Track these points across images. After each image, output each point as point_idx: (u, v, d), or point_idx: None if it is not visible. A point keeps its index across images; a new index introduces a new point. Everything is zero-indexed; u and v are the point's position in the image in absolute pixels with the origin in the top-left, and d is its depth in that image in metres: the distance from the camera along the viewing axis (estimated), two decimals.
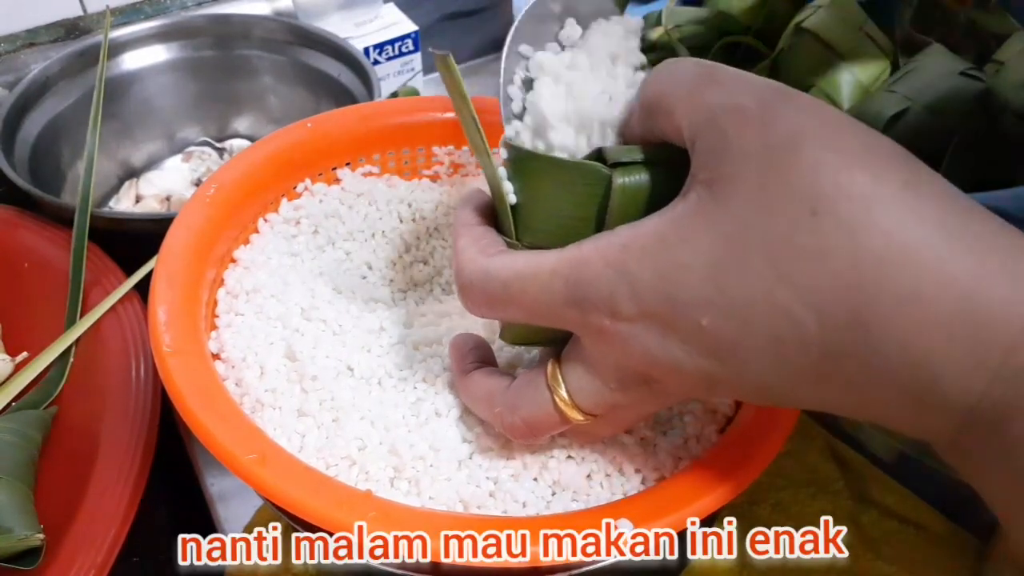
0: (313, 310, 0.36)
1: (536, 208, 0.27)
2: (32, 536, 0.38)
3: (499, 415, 0.29)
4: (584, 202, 0.26)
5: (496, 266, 0.26)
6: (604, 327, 0.24)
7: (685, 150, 0.24)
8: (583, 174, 0.26)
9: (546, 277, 0.25)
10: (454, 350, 0.32)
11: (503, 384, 0.30)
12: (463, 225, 0.29)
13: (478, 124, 0.27)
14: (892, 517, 0.41)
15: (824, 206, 0.21)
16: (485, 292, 0.27)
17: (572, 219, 0.26)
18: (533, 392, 0.28)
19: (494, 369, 0.31)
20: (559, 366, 0.28)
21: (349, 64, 0.63)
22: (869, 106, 0.50)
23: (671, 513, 0.27)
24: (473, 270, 0.27)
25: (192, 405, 0.29)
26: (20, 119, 0.58)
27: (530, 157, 0.27)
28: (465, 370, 0.31)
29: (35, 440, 0.43)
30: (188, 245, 0.35)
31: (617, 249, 0.24)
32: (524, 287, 0.26)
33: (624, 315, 0.24)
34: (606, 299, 0.24)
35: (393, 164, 0.45)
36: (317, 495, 0.27)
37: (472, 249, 0.27)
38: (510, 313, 0.27)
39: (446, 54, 0.26)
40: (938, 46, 0.52)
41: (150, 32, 0.65)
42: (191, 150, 0.68)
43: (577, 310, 0.25)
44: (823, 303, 0.21)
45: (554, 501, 0.30)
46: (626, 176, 0.26)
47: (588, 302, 0.24)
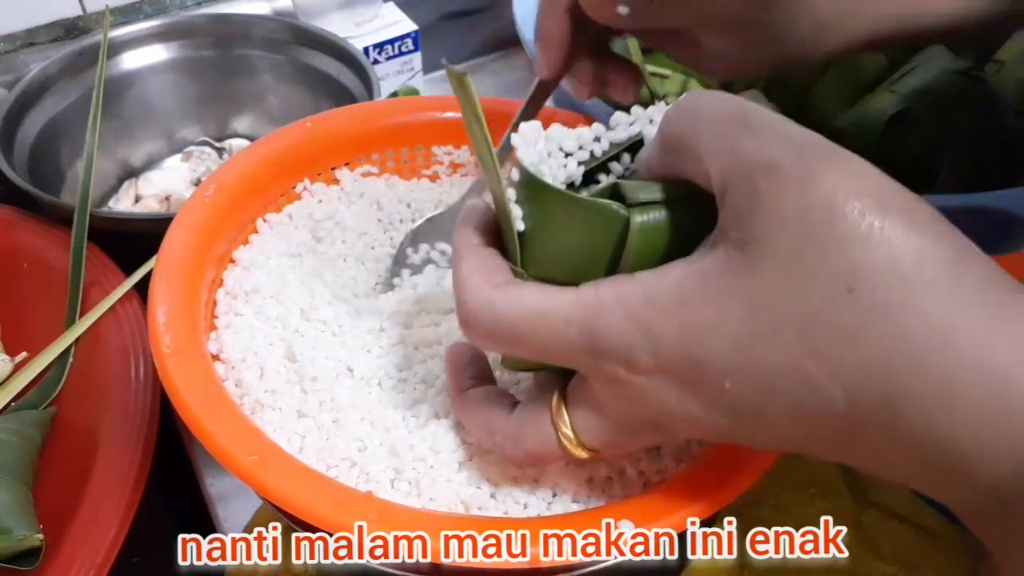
0: (313, 311, 0.36)
1: (545, 239, 0.26)
2: (31, 536, 0.38)
3: (500, 444, 0.28)
4: (598, 240, 0.25)
5: (504, 302, 0.25)
6: (619, 377, 0.24)
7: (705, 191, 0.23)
8: (599, 213, 0.25)
9: (559, 322, 0.24)
10: (450, 364, 0.31)
11: (503, 411, 0.28)
12: (466, 246, 0.27)
13: (491, 147, 0.26)
14: (893, 517, 0.41)
15: (862, 284, 0.20)
16: (490, 329, 0.25)
17: (584, 255, 0.25)
18: (536, 426, 0.27)
19: (492, 389, 0.30)
20: (565, 403, 0.27)
21: (349, 64, 0.63)
22: (869, 106, 0.50)
23: (672, 514, 0.27)
24: (478, 303, 0.25)
25: (192, 406, 0.29)
26: (19, 119, 0.58)
27: (544, 188, 0.25)
28: (462, 388, 0.30)
29: (34, 440, 0.43)
30: (187, 245, 0.35)
31: (639, 301, 0.23)
32: (533, 329, 0.24)
33: (642, 369, 0.23)
34: (624, 352, 0.23)
35: (392, 164, 0.45)
36: (317, 496, 0.27)
37: (476, 277, 0.26)
38: (516, 351, 0.26)
39: (464, 73, 0.24)
40: (938, 46, 0.52)
41: (150, 32, 0.65)
42: (191, 150, 0.68)
43: (591, 358, 0.24)
44: (854, 382, 0.20)
45: (555, 503, 0.30)
46: (645, 215, 0.24)
47: (604, 352, 0.23)
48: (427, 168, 0.45)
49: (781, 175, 0.21)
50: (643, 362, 0.23)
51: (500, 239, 0.28)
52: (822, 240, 0.20)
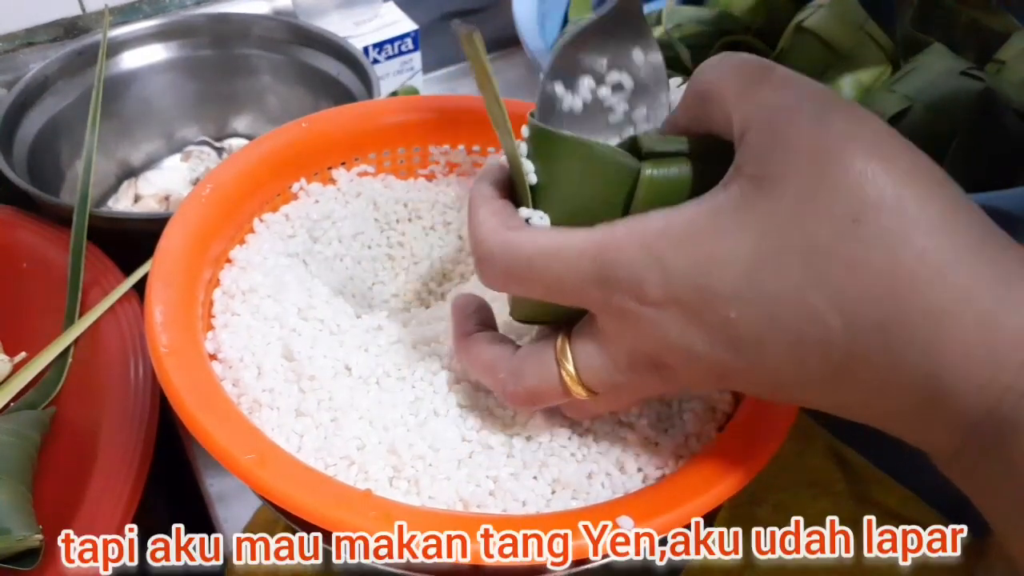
0: (310, 310, 0.36)
1: (558, 189, 0.27)
2: (30, 537, 0.38)
3: (502, 381, 0.29)
4: (610, 187, 0.26)
5: (520, 240, 0.26)
6: (628, 309, 0.24)
7: (728, 145, 0.24)
8: (608, 160, 0.26)
9: (573, 255, 0.25)
10: (456, 311, 0.32)
11: (507, 351, 0.29)
12: (482, 197, 0.28)
13: (500, 102, 0.27)
14: (892, 517, 0.41)
15: (868, 216, 0.21)
16: (506, 265, 0.26)
17: (596, 203, 0.26)
18: (539, 363, 0.28)
19: (497, 335, 0.31)
20: (569, 341, 0.28)
21: (348, 63, 0.63)
22: (869, 106, 0.50)
23: (673, 510, 0.27)
24: (495, 242, 0.26)
25: (190, 406, 0.29)
26: (19, 118, 0.58)
27: (555, 138, 0.26)
28: (467, 332, 0.31)
29: (33, 440, 0.43)
30: (184, 245, 0.35)
31: (653, 234, 0.24)
32: (549, 263, 0.25)
33: (651, 299, 0.24)
34: (635, 282, 0.24)
35: (389, 164, 0.45)
36: (317, 495, 0.27)
37: (493, 220, 0.27)
38: (529, 289, 0.27)
39: (472, 30, 0.25)
40: (938, 46, 0.52)
41: (149, 31, 0.65)
42: (190, 149, 0.68)
43: (602, 290, 0.25)
44: (852, 309, 0.21)
45: (554, 500, 0.30)
46: (656, 168, 0.25)
47: (616, 283, 0.24)
48: (423, 168, 0.45)
49: (799, 115, 0.22)
50: (653, 292, 0.24)
51: (514, 196, 0.28)
52: (833, 175, 0.21)
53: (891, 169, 0.21)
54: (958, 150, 0.47)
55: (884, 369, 0.22)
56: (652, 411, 0.33)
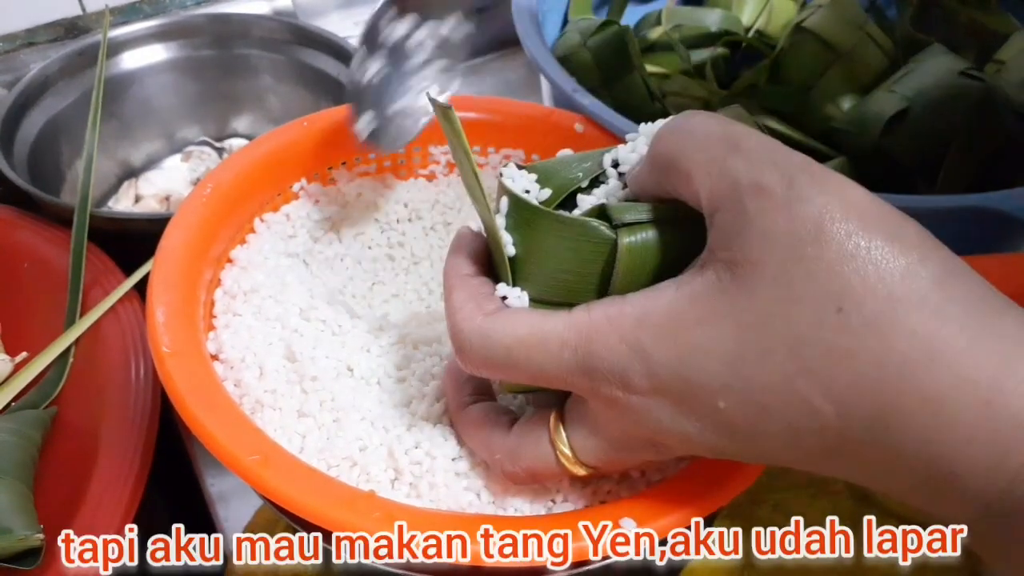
0: (312, 310, 0.36)
1: (536, 262, 0.26)
2: (32, 536, 0.38)
3: (499, 462, 0.28)
4: (588, 260, 0.25)
5: (497, 329, 0.25)
6: (615, 398, 0.24)
7: (694, 212, 0.24)
8: (587, 233, 0.25)
9: (554, 346, 0.24)
10: (449, 379, 0.31)
11: (502, 428, 0.29)
12: (457, 276, 0.28)
13: (478, 175, 0.27)
14: (892, 517, 0.41)
15: (850, 304, 0.20)
16: (485, 356, 0.26)
17: (574, 275, 0.26)
18: (535, 445, 0.27)
19: (492, 405, 0.30)
20: (562, 422, 0.27)
21: (349, 63, 0.63)
22: (869, 106, 0.50)
23: (674, 512, 0.27)
24: (471, 330, 0.26)
25: (193, 407, 0.29)
26: (19, 119, 0.58)
27: (532, 211, 0.26)
28: (462, 404, 0.30)
29: (34, 440, 0.43)
30: (185, 246, 0.35)
31: (631, 323, 0.23)
32: (529, 354, 0.25)
33: (637, 389, 0.23)
34: (619, 373, 0.23)
35: (388, 164, 0.45)
36: (321, 496, 0.27)
37: (469, 306, 0.26)
38: (513, 376, 0.26)
39: (448, 107, 0.25)
40: (938, 46, 0.52)
41: (149, 31, 0.65)
42: (190, 150, 0.68)
43: (587, 380, 0.24)
44: (845, 398, 0.21)
45: (555, 509, 0.30)
46: (632, 236, 0.25)
47: (599, 373, 0.24)
48: (424, 168, 0.45)
49: (770, 196, 0.21)
50: (638, 383, 0.23)
51: (490, 266, 0.28)
52: (810, 260, 0.21)
53: (871, 248, 0.20)
54: (958, 150, 0.47)
55: (884, 453, 0.21)
56: None
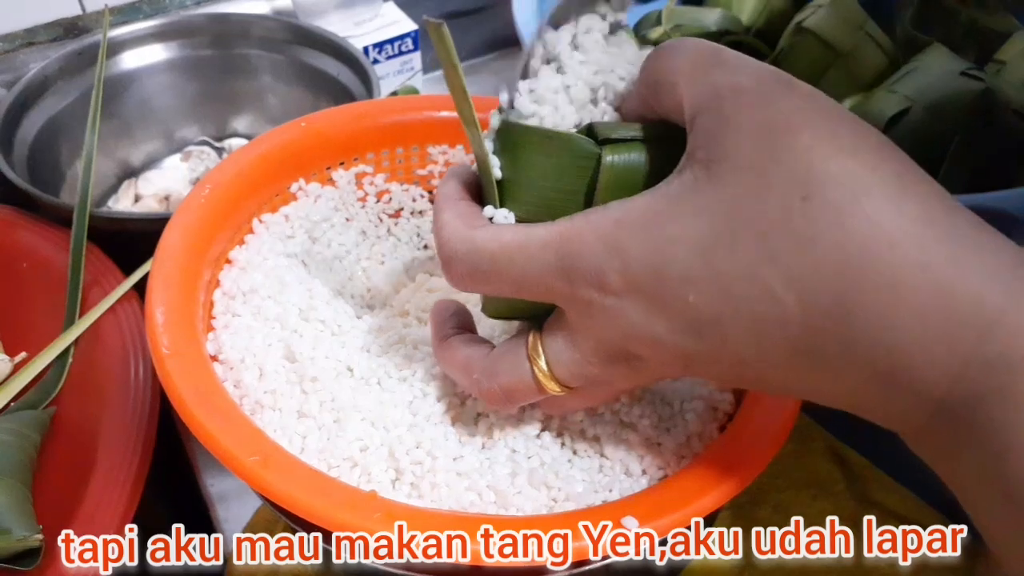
0: (311, 311, 0.36)
1: (523, 181, 0.27)
2: (31, 537, 0.38)
3: (477, 381, 0.29)
4: (572, 177, 0.26)
5: (483, 238, 0.26)
6: (592, 300, 0.25)
7: (681, 130, 0.25)
8: (572, 148, 0.26)
9: (536, 249, 0.25)
10: (434, 316, 0.32)
11: (482, 351, 0.30)
12: (446, 198, 0.28)
13: (467, 94, 0.27)
14: (892, 517, 0.41)
15: (815, 192, 0.21)
16: (471, 265, 0.26)
17: (559, 193, 0.26)
18: (512, 361, 0.28)
19: (473, 336, 0.31)
20: (540, 338, 0.28)
21: (349, 63, 0.63)
22: (869, 106, 0.50)
23: (676, 511, 0.27)
24: (458, 241, 0.27)
25: (193, 408, 0.29)
26: (19, 118, 0.58)
27: (519, 129, 0.27)
28: (444, 335, 0.31)
29: (33, 440, 0.43)
30: (184, 246, 0.35)
31: (610, 224, 0.24)
32: (512, 259, 0.26)
33: (612, 289, 0.24)
34: (596, 272, 0.24)
35: (387, 164, 0.45)
36: (322, 497, 0.27)
37: (456, 221, 0.27)
38: (495, 286, 0.27)
39: (440, 23, 0.25)
40: (938, 46, 0.52)
41: (149, 31, 0.65)
42: (190, 149, 0.68)
43: (566, 283, 0.25)
44: (806, 285, 0.21)
45: (556, 508, 0.30)
46: (615, 154, 0.26)
47: (578, 274, 0.25)
48: (422, 168, 0.45)
49: (746, 96, 0.23)
50: (614, 281, 0.24)
51: (480, 196, 0.29)
52: (780, 152, 0.22)
53: (838, 142, 0.21)
54: (958, 150, 0.47)
55: (843, 344, 0.21)
56: (654, 412, 0.33)
